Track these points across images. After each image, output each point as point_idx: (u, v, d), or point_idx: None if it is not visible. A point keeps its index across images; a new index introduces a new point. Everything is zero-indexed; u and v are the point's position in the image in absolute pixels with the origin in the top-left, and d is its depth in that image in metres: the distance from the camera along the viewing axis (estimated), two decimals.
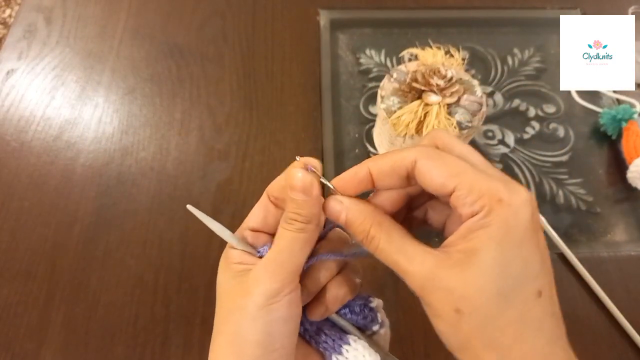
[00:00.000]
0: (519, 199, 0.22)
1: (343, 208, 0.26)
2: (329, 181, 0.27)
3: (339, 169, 0.53)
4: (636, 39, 0.48)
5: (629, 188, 0.52)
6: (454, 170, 0.23)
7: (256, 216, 0.29)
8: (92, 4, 0.65)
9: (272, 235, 0.29)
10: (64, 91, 0.58)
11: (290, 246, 0.26)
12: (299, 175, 0.25)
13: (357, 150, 0.54)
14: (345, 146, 0.55)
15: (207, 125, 0.56)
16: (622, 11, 0.65)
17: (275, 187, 0.29)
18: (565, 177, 0.53)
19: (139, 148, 0.54)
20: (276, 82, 0.59)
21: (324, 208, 0.27)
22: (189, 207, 0.28)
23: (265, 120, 0.56)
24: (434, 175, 0.24)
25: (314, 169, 0.26)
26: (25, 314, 0.45)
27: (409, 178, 0.25)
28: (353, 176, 0.26)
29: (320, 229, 0.28)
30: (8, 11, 1.70)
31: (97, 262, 0.47)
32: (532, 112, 0.57)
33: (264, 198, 0.29)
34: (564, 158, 0.54)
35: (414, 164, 0.24)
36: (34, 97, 0.58)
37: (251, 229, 0.29)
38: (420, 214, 0.29)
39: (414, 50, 0.47)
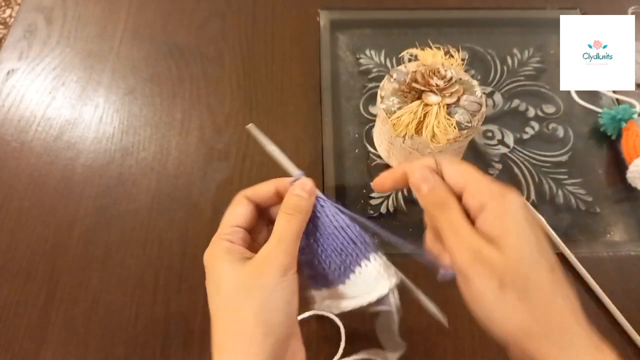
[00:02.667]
0: (515, 194, 0.28)
1: (431, 179, 0.31)
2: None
3: (339, 169, 0.53)
4: (636, 39, 0.48)
5: (628, 188, 0.52)
6: (465, 171, 0.30)
7: (239, 216, 0.34)
8: (92, 4, 0.65)
9: (248, 231, 0.34)
10: (64, 91, 0.58)
11: (296, 229, 0.32)
12: (309, 183, 0.34)
13: (357, 151, 0.54)
14: (345, 146, 0.55)
15: (207, 125, 0.56)
16: (622, 11, 0.65)
17: (259, 194, 0.35)
18: (565, 177, 0.53)
19: (139, 148, 0.54)
20: (276, 82, 0.59)
21: (413, 174, 0.32)
22: (250, 126, 0.35)
23: (265, 120, 0.56)
24: (450, 173, 0.30)
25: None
26: (25, 314, 0.45)
27: None
28: (391, 174, 0.33)
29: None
30: (8, 11, 1.70)
31: (97, 262, 0.47)
32: (531, 112, 0.57)
33: (243, 200, 0.34)
34: (564, 158, 0.54)
35: (435, 165, 0.31)
36: (34, 97, 0.58)
37: (236, 226, 0.34)
38: None
39: (414, 51, 0.47)
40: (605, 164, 0.54)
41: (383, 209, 0.50)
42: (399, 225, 0.49)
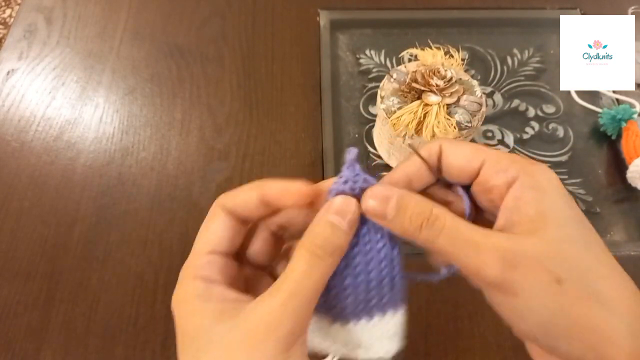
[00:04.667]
0: (546, 166, 0.23)
1: (393, 193, 0.23)
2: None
3: (339, 169, 0.53)
4: (636, 39, 0.48)
5: (628, 188, 0.52)
6: (477, 148, 0.24)
7: (215, 236, 0.24)
8: (92, 4, 0.65)
9: (230, 256, 0.25)
10: (64, 91, 0.58)
11: (321, 280, 0.22)
12: (344, 199, 0.23)
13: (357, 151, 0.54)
14: (345, 146, 0.55)
15: (207, 125, 0.56)
16: (622, 11, 0.65)
17: (239, 203, 0.25)
18: (565, 177, 0.53)
19: (139, 148, 0.54)
20: (276, 82, 0.59)
21: (365, 199, 0.24)
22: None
23: (265, 120, 0.56)
24: (459, 154, 0.24)
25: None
26: (25, 314, 0.45)
27: (438, 170, 0.25)
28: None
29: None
30: (8, 11, 1.70)
31: (97, 262, 0.47)
32: (531, 112, 0.57)
33: (220, 213, 0.25)
34: (564, 158, 0.54)
35: (439, 149, 0.25)
36: (34, 97, 0.58)
37: (213, 253, 0.24)
38: None
39: (414, 51, 0.47)
40: (605, 164, 0.54)
41: None
42: None
